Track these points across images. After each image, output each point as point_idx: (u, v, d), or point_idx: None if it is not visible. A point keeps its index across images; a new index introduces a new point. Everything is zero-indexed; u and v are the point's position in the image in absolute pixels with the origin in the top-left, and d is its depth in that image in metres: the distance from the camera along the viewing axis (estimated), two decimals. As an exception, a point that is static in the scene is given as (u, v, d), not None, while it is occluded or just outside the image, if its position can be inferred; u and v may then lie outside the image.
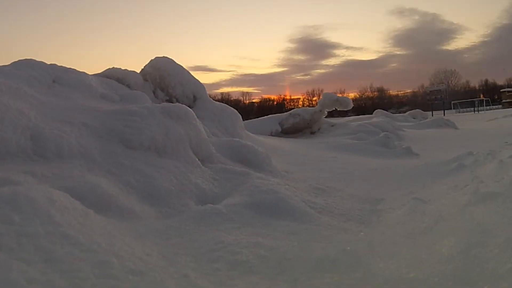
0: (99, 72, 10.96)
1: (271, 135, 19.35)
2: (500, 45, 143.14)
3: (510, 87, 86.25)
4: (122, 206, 4.59)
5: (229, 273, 3.25)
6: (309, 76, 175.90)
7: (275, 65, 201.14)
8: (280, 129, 20.50)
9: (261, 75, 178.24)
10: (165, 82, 11.91)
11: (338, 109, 22.82)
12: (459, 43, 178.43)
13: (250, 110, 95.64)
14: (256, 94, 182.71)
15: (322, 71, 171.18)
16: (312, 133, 21.16)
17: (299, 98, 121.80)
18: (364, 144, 15.94)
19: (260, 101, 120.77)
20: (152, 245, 3.63)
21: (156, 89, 11.77)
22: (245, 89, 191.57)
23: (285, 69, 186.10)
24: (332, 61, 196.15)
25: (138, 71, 11.89)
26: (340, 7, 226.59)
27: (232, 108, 12.94)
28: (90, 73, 9.80)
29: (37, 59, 8.79)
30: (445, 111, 60.00)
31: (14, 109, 5.43)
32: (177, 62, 12.66)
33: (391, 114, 36.99)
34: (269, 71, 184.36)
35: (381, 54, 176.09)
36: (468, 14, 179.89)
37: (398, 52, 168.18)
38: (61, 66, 8.96)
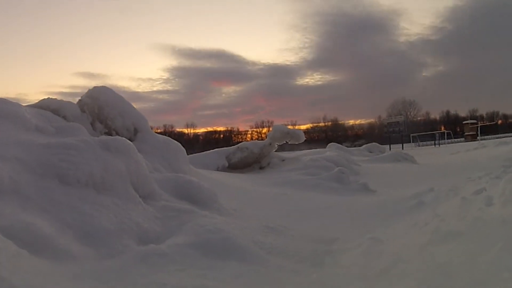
0: (34, 102, 10.86)
1: (218, 170, 19.33)
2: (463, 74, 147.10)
3: (473, 119, 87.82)
4: (58, 246, 4.57)
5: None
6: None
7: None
8: (227, 164, 20.47)
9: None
10: (104, 113, 11.85)
11: (289, 143, 22.96)
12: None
13: (195, 143, 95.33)
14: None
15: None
16: (261, 168, 21.22)
17: (247, 131, 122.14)
18: (317, 179, 16.04)
19: (206, 134, 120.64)
20: (90, 288, 3.63)
21: (94, 121, 11.69)
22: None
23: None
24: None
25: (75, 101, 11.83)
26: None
27: (176, 141, 12.94)
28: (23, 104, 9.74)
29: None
30: (404, 144, 60.58)
31: None
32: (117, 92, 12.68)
33: (346, 147, 37.46)
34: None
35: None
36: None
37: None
38: (-9, 97, 8.84)
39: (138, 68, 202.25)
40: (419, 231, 6.41)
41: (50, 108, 10.42)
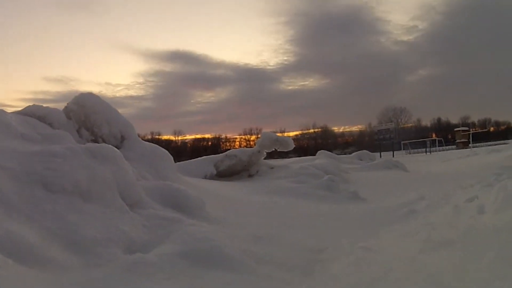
0: (19, 110, 10.83)
1: (206, 178, 19.33)
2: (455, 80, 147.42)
3: (464, 126, 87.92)
4: (44, 256, 4.58)
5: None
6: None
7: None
8: (215, 172, 20.46)
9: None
10: (91, 120, 11.83)
11: (278, 150, 23.00)
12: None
13: (183, 151, 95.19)
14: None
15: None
16: (250, 176, 21.20)
17: (236, 138, 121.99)
18: (307, 188, 16.06)
19: (194, 141, 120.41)
20: (76, 297, 3.63)
21: (80, 128, 11.67)
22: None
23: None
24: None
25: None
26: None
27: (163, 149, 12.94)
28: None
29: None
30: (395, 152, 60.72)
31: None
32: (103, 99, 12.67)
33: (336, 155, 37.51)
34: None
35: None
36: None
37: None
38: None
39: (105, 72, 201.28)
40: (410, 239, 6.44)
41: (35, 115, 10.41)
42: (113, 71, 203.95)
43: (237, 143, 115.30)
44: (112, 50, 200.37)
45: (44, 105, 11.40)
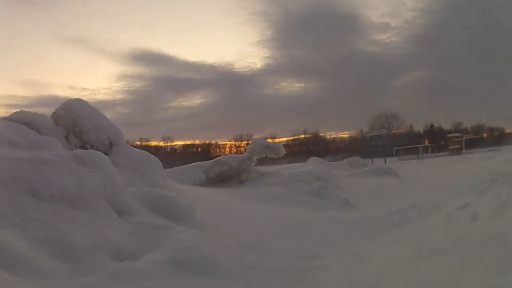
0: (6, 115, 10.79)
1: (196, 184, 19.31)
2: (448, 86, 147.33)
3: (457, 132, 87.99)
4: (31, 263, 4.58)
5: None
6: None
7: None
8: (205, 178, 20.44)
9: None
10: (79, 126, 11.82)
11: (269, 156, 23.05)
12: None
13: (172, 157, 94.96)
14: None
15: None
16: (241, 182, 21.22)
17: (226, 144, 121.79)
18: (298, 194, 16.12)
19: (183, 148, 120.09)
20: (64, 305, 3.63)
21: (68, 134, 11.66)
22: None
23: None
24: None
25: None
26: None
27: (152, 155, 12.94)
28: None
29: None
30: (387, 158, 60.93)
31: None
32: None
33: (327, 161, 37.63)
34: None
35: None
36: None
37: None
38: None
39: (79, 76, 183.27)
40: (402, 247, 6.46)
41: (23, 121, 10.40)
42: (78, 74, 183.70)
43: (228, 149, 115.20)
44: (77, 50, 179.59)
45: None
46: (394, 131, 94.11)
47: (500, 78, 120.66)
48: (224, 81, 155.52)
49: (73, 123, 11.80)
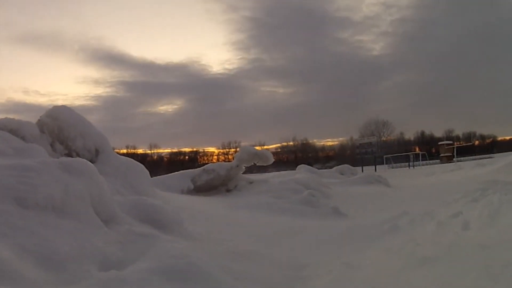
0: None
1: (183, 193, 19.32)
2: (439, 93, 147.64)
3: (449, 140, 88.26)
4: (17, 272, 4.59)
5: None
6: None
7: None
8: (192, 187, 20.44)
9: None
10: (64, 134, 11.81)
11: (257, 164, 23.10)
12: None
13: (159, 165, 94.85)
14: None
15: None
16: (228, 190, 21.26)
17: (214, 152, 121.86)
18: (287, 203, 16.15)
19: (170, 155, 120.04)
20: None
21: (54, 141, 11.65)
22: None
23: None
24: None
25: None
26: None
27: (139, 163, 12.96)
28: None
29: None
30: (377, 166, 61.18)
31: None
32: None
33: (316, 169, 37.76)
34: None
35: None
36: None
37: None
38: None
39: (35, 79, 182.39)
40: (393, 256, 6.50)
41: (7, 128, 10.39)
42: (42, 77, 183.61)
43: (215, 157, 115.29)
44: (32, 51, 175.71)
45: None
46: (384, 138, 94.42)
47: (492, 84, 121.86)
48: (199, 85, 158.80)
49: (59, 131, 11.80)
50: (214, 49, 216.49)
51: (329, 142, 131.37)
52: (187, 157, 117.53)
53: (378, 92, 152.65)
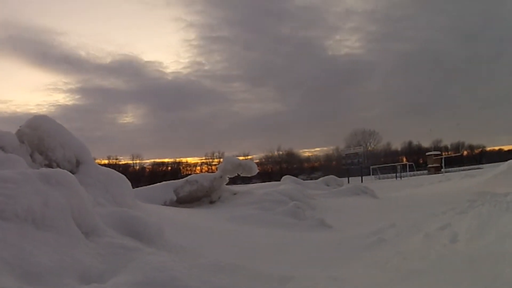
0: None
1: (165, 204, 19.29)
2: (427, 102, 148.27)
3: (436, 150, 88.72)
4: (-4, 285, 4.61)
5: None
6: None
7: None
8: (175, 198, 20.40)
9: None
10: (44, 144, 11.77)
11: (241, 175, 23.12)
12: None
13: (141, 176, 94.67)
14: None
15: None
16: (212, 202, 21.25)
17: (197, 163, 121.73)
18: (271, 215, 16.18)
19: (153, 166, 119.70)
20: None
21: (33, 152, 11.60)
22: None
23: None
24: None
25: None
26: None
27: (120, 174, 12.94)
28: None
29: None
30: (363, 177, 61.43)
31: None
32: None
33: (302, 180, 37.82)
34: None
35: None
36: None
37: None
38: None
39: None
40: (380, 269, 6.56)
41: (-14, 138, 10.36)
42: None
43: (198, 168, 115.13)
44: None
45: None
46: (371, 149, 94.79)
47: (480, 94, 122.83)
48: (161, 90, 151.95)
49: (39, 141, 11.77)
50: (172, 51, 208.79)
51: (315, 152, 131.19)
52: (169, 167, 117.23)
53: (363, 97, 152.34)
